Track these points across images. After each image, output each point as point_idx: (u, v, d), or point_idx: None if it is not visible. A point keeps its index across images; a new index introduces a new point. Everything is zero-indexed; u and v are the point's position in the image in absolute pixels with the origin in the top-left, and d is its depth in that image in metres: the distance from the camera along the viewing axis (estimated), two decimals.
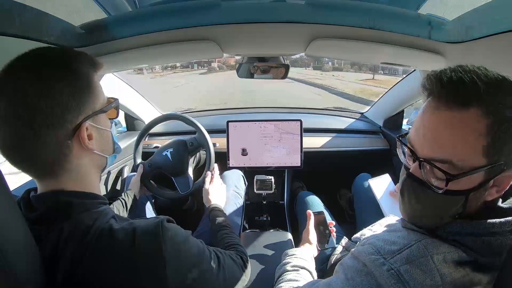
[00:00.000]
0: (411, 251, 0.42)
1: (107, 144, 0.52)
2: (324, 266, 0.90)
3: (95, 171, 0.51)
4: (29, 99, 0.40)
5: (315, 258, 0.80)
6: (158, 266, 0.44)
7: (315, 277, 0.72)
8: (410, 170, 0.44)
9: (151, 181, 1.13)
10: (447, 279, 0.40)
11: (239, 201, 1.20)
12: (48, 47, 0.46)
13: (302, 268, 0.70)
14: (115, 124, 0.61)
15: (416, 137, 0.42)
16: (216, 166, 1.10)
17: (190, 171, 1.13)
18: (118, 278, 0.43)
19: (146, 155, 1.18)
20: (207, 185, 1.01)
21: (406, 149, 0.46)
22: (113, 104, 0.52)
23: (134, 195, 1.01)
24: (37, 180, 0.46)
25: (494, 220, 0.41)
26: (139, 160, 1.15)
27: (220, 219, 0.85)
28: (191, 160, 1.16)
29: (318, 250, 0.84)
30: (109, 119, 0.53)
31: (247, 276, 0.66)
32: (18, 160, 0.43)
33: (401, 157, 0.48)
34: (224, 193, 1.04)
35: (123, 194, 1.01)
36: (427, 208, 0.44)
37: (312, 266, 0.74)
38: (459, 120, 0.37)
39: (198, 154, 1.22)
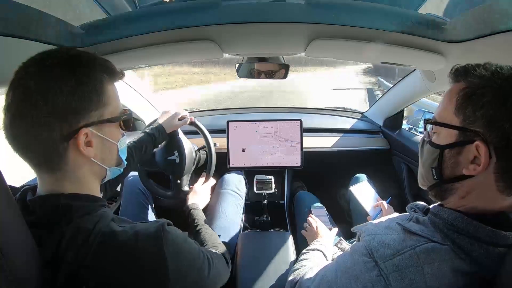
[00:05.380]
0: (403, 258, 0.42)
1: (109, 156, 0.51)
2: None
3: (94, 178, 0.50)
4: (29, 95, 0.41)
5: None
6: (160, 268, 0.45)
7: (329, 259, 0.78)
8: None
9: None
10: None
11: (240, 202, 1.20)
12: (66, 49, 0.47)
13: (314, 250, 0.78)
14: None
15: None
16: (212, 179, 1.14)
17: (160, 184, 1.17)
18: (120, 281, 0.43)
19: None
20: (198, 186, 1.06)
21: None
22: (123, 116, 0.50)
23: (164, 130, 0.99)
24: (37, 174, 0.46)
25: (501, 232, 0.40)
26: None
27: (198, 220, 0.89)
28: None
29: (330, 229, 0.93)
30: (122, 129, 0.52)
31: (228, 272, 0.72)
32: (17, 148, 0.44)
33: None
34: (207, 199, 1.09)
35: (150, 129, 0.98)
36: (422, 163, 0.51)
37: (327, 249, 0.80)
38: (450, 89, 0.46)
39: (198, 154, 1.22)
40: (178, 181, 1.15)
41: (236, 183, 1.25)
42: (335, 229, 0.96)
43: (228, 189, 1.21)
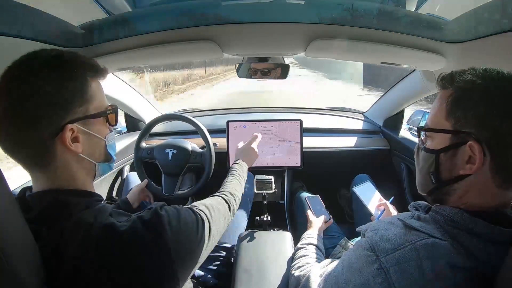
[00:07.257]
0: (403, 252, 0.43)
1: (97, 151, 0.52)
2: None
3: (85, 173, 0.51)
4: (14, 98, 0.42)
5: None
6: (163, 252, 0.46)
7: (322, 250, 0.84)
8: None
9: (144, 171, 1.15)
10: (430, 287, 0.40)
11: (247, 205, 1.21)
12: (49, 49, 0.47)
13: (309, 244, 0.83)
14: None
15: None
16: (260, 135, 1.09)
17: (179, 179, 1.15)
18: (124, 270, 0.43)
19: None
20: (241, 144, 1.04)
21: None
22: (108, 111, 0.52)
23: (129, 202, 1.03)
24: (29, 173, 0.47)
25: (500, 228, 0.40)
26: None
27: (236, 169, 0.90)
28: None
29: (324, 222, 0.99)
30: (109, 124, 0.53)
31: (231, 216, 0.72)
32: (7, 150, 0.44)
33: None
34: (255, 157, 1.05)
35: (118, 201, 1.02)
36: (419, 170, 0.52)
37: (318, 241, 0.85)
38: (439, 96, 0.48)
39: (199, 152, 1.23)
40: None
41: (246, 186, 1.26)
42: (322, 217, 1.00)
43: None
